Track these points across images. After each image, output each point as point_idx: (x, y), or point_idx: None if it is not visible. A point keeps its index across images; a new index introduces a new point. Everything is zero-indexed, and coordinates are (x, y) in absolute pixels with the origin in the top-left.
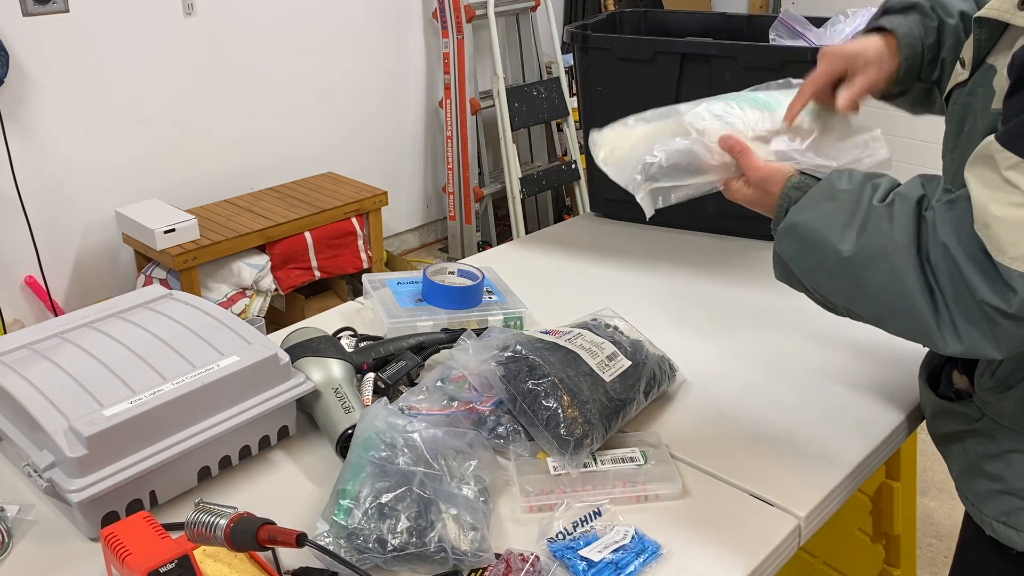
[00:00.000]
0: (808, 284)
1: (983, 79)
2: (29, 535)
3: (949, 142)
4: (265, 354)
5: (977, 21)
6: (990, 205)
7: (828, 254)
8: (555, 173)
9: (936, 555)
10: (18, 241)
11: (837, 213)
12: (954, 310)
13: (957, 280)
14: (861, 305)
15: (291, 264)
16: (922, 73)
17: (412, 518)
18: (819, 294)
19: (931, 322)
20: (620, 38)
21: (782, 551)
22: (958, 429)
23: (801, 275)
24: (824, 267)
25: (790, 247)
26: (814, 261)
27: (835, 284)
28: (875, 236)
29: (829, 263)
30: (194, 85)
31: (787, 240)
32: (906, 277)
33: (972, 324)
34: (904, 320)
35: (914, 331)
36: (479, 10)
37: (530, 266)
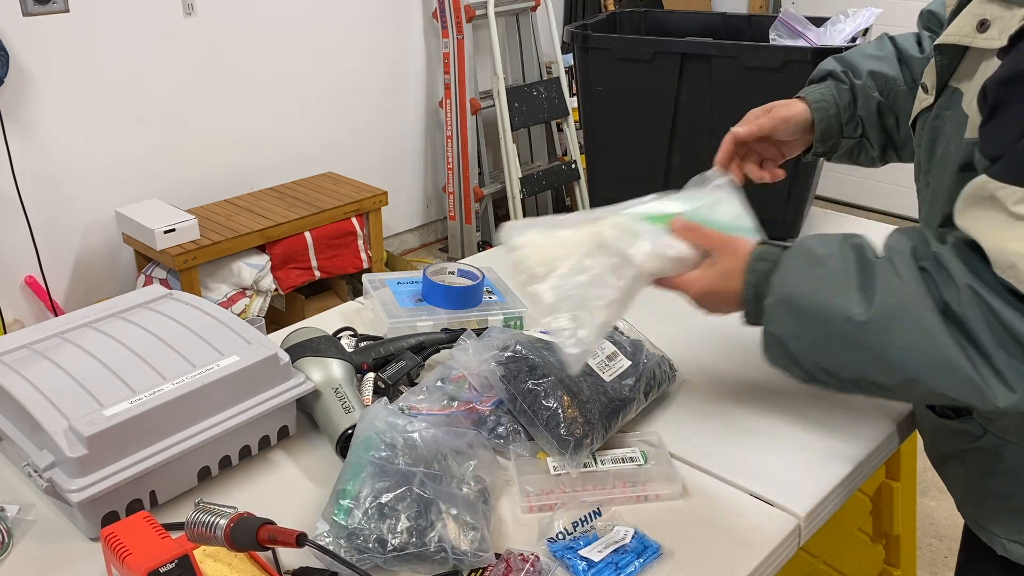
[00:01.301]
0: (810, 361)
1: (949, 102)
2: (29, 535)
3: (922, 166)
4: (265, 354)
5: (937, 48)
6: (1009, 243)
7: (838, 323)
8: (555, 173)
9: (936, 555)
10: (18, 241)
11: (833, 278)
12: (998, 358)
13: (995, 325)
14: (887, 372)
15: (291, 264)
16: (844, 131)
17: (412, 518)
18: (824, 370)
19: (974, 375)
20: (620, 38)
21: (782, 551)
22: (959, 448)
23: (803, 352)
24: (836, 338)
25: (787, 324)
26: (820, 334)
27: (851, 355)
28: (889, 294)
29: (841, 332)
30: (194, 85)
31: (781, 317)
32: (934, 330)
33: (1017, 372)
34: (944, 378)
35: (956, 387)
36: (479, 10)
37: None
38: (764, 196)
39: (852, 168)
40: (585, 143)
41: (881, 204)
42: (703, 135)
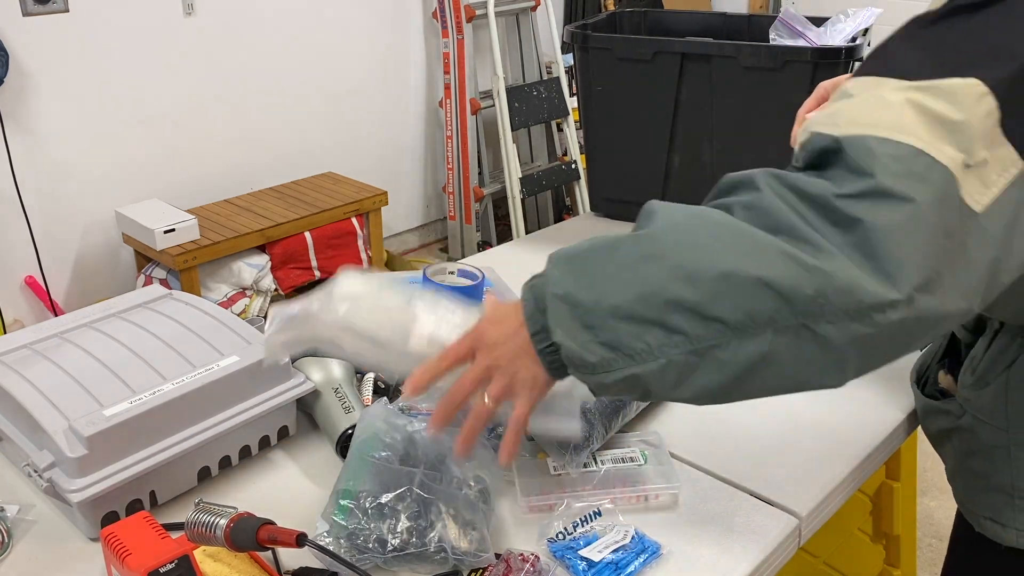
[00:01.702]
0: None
1: None
2: (29, 535)
3: None
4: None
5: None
6: (814, 115)
7: (619, 249)
8: (555, 173)
9: (936, 555)
10: (18, 241)
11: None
12: (810, 217)
13: (789, 197)
14: (687, 283)
15: (291, 264)
16: None
17: (412, 518)
18: (621, 320)
19: (784, 243)
20: (620, 38)
21: (782, 551)
22: (945, 427)
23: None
24: (618, 266)
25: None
26: (604, 271)
27: (644, 275)
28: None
29: (623, 255)
30: (194, 85)
31: (559, 272)
32: (730, 220)
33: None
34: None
35: (768, 263)
36: (479, 10)
37: (530, 266)
38: None
39: None
40: (585, 143)
41: None
42: (703, 135)
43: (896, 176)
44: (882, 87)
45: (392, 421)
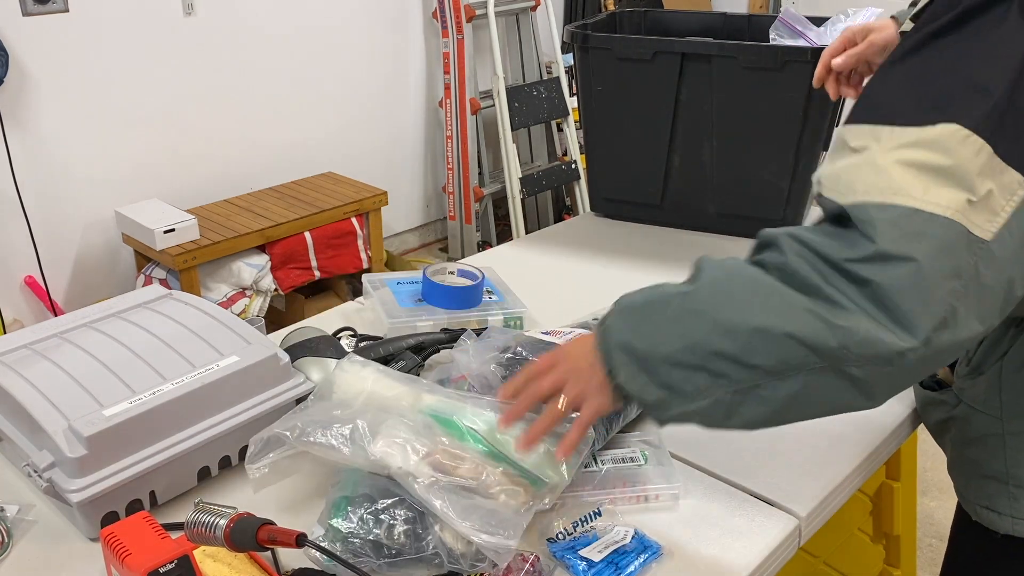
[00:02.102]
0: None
1: None
2: (29, 535)
3: None
4: (265, 354)
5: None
6: (831, 166)
7: (670, 303)
8: (555, 173)
9: (936, 555)
10: (18, 241)
11: (661, 285)
12: (831, 278)
13: (810, 257)
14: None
15: (291, 264)
16: None
17: (409, 522)
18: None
19: (813, 306)
20: (620, 38)
21: (782, 551)
22: (943, 418)
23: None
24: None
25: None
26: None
27: (689, 328)
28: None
29: (672, 309)
30: (194, 85)
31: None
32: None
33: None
34: (778, 315)
35: (794, 319)
36: (479, 10)
37: (530, 266)
38: (764, 196)
39: None
40: (585, 143)
41: None
42: (703, 135)
43: (894, 240)
44: (873, 144)
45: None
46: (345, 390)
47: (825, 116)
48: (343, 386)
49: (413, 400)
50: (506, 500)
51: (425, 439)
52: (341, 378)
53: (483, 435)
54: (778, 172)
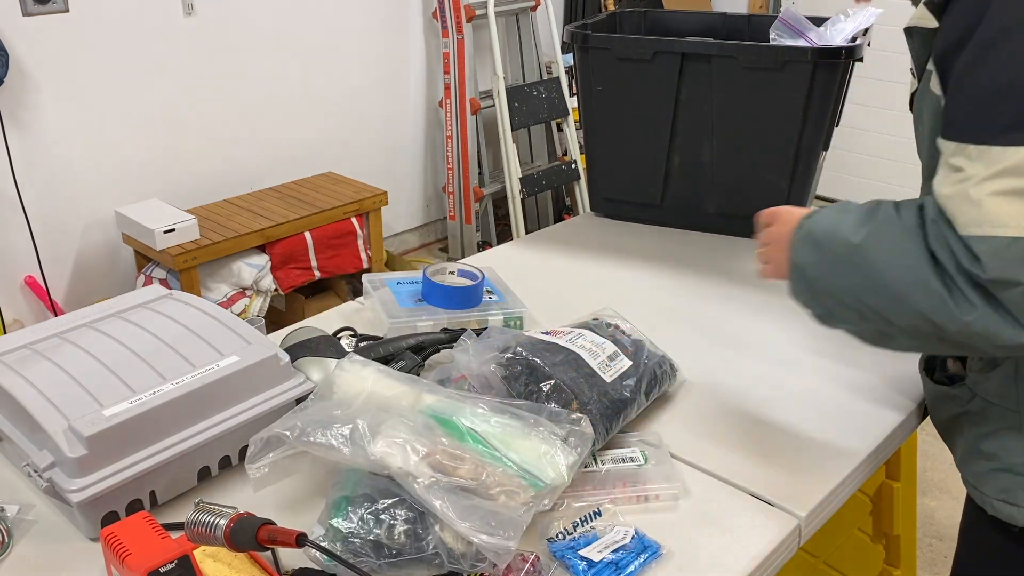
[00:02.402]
0: (821, 288)
1: (925, 83)
2: (29, 535)
3: (919, 146)
4: (265, 354)
5: (906, 31)
6: (941, 188)
7: (839, 247)
8: (555, 173)
9: (936, 555)
10: (18, 241)
11: (850, 216)
12: (959, 280)
13: (951, 254)
14: (876, 291)
15: (291, 264)
16: None
17: (409, 521)
18: (830, 295)
19: (944, 292)
20: (620, 38)
21: (782, 551)
22: (955, 413)
23: (815, 279)
24: (837, 262)
25: (805, 253)
26: (827, 259)
27: (847, 276)
28: (883, 223)
29: (840, 254)
30: (194, 85)
31: (801, 247)
32: (914, 253)
33: (976, 292)
34: (917, 295)
35: (928, 303)
36: (479, 10)
37: (530, 266)
38: (764, 196)
39: (852, 168)
40: (585, 143)
41: None
42: (703, 135)
43: (1000, 269)
44: (967, 165)
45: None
46: (345, 390)
47: (825, 116)
48: (343, 386)
49: (413, 400)
50: (506, 500)
51: (425, 439)
52: (341, 378)
53: (483, 435)
54: (778, 172)
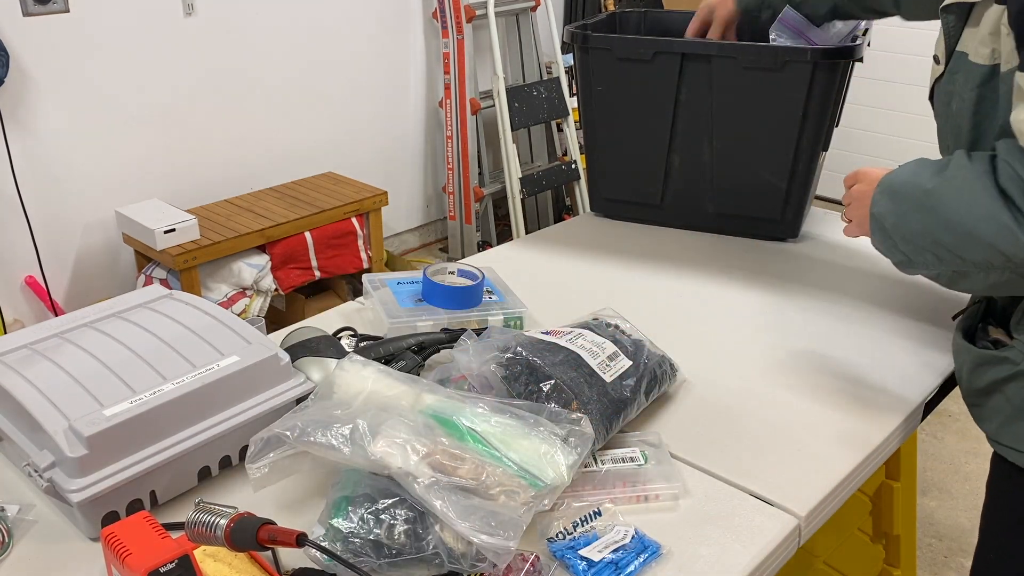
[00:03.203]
0: (899, 234)
1: (957, 66)
2: (29, 535)
3: (940, 132)
4: (265, 354)
5: (944, 9)
6: (1019, 115)
7: (914, 194)
8: (555, 173)
9: (936, 555)
10: (18, 241)
11: (926, 168)
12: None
13: (1019, 183)
14: (949, 229)
15: (291, 264)
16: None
17: (409, 521)
18: (908, 240)
19: (1013, 224)
20: (620, 38)
21: (782, 551)
22: (999, 377)
23: (893, 227)
24: (913, 208)
25: (883, 204)
26: (904, 207)
27: (923, 219)
28: (955, 169)
29: (915, 200)
30: (194, 85)
31: (880, 199)
32: (983, 190)
33: None
34: (988, 229)
35: (998, 235)
36: (479, 10)
37: (530, 266)
38: (764, 196)
39: (852, 168)
40: (585, 143)
41: None
42: (703, 135)
43: None
44: None
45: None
46: (345, 390)
47: (825, 116)
48: (343, 386)
49: (413, 400)
50: (506, 501)
51: (425, 439)
52: (341, 378)
53: (483, 435)
54: (778, 172)
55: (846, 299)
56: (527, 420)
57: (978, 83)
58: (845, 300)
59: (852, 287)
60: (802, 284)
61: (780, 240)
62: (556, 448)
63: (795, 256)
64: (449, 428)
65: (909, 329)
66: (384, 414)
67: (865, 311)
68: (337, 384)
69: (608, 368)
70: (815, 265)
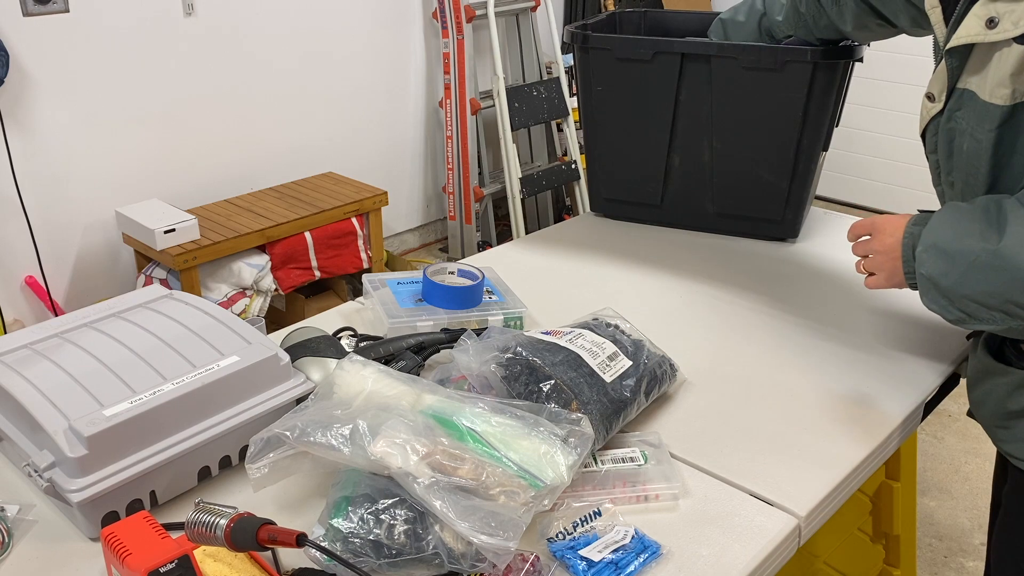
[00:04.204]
0: (959, 295)
1: (959, 103)
2: (29, 535)
3: (941, 168)
4: (265, 354)
5: (949, 52)
6: None
7: (977, 254)
8: (555, 173)
9: (936, 555)
10: (18, 241)
11: (972, 222)
12: None
13: None
14: (1022, 290)
15: (291, 264)
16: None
17: (409, 521)
18: (972, 300)
19: None
20: (620, 38)
21: (782, 551)
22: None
23: (952, 288)
24: (976, 268)
25: (934, 265)
26: (964, 267)
27: (991, 279)
28: (1017, 222)
29: (981, 261)
30: (194, 85)
31: (930, 260)
32: None
33: None
34: None
35: None
36: (479, 10)
37: (530, 266)
38: (764, 196)
39: (852, 168)
40: (585, 143)
41: (881, 204)
42: (703, 135)
43: None
44: None
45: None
46: (345, 390)
47: (825, 116)
48: (343, 386)
49: (413, 400)
50: (506, 501)
51: (425, 439)
52: (341, 378)
53: (483, 435)
54: (778, 172)
55: (846, 299)
56: (527, 420)
57: (997, 124)
58: (844, 299)
59: (852, 287)
60: (802, 284)
61: (780, 240)
62: (556, 448)
63: (795, 256)
64: (449, 428)
65: (909, 329)
66: (384, 414)
67: (865, 311)
68: (337, 384)
69: (608, 368)
70: (815, 265)
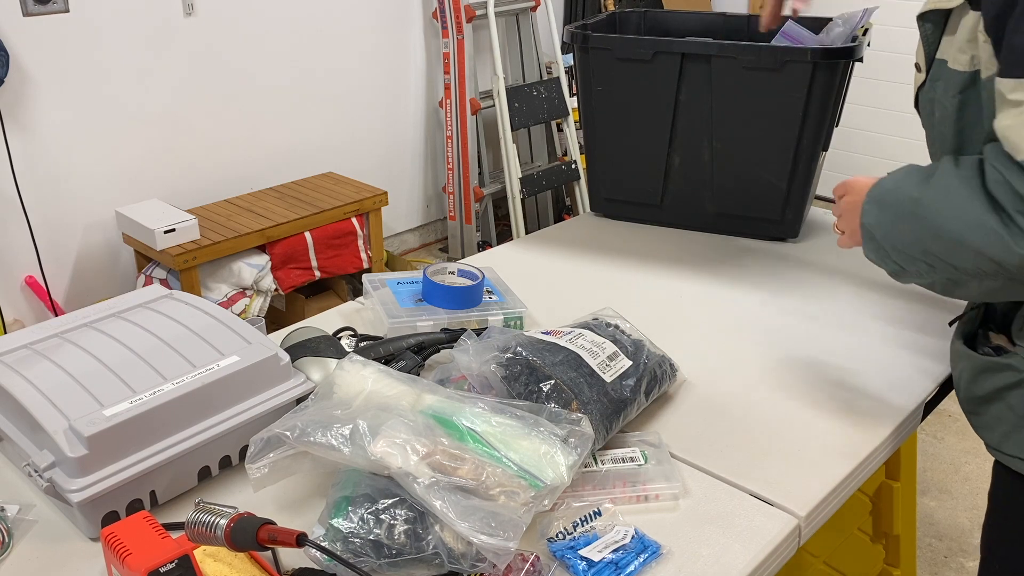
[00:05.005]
0: (890, 244)
1: (937, 74)
2: (29, 535)
3: (929, 136)
4: (265, 354)
5: (921, 18)
6: (1001, 121)
7: (902, 203)
8: (555, 173)
9: (936, 555)
10: (18, 241)
11: (912, 175)
12: (1016, 217)
13: (1010, 191)
14: (938, 238)
15: (291, 264)
16: None
17: (409, 521)
18: (899, 251)
19: (1001, 229)
20: (620, 38)
21: (782, 551)
22: (1002, 385)
23: (884, 237)
24: (902, 218)
25: (872, 215)
26: (893, 218)
27: (913, 229)
28: (942, 175)
29: (903, 209)
30: (194, 85)
31: (869, 210)
32: (971, 195)
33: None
34: (976, 235)
35: (986, 241)
36: (479, 10)
37: (530, 266)
38: (764, 196)
39: (852, 168)
40: (585, 143)
41: None
42: (703, 135)
43: None
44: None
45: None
46: (345, 390)
47: (825, 116)
48: (343, 386)
49: (413, 400)
50: (506, 501)
51: (425, 439)
52: (341, 378)
53: (483, 435)
54: (777, 172)
55: (846, 298)
56: (527, 420)
57: (959, 90)
58: (845, 299)
59: (852, 287)
60: (802, 284)
61: (780, 240)
62: (556, 448)
63: (795, 256)
64: (449, 428)
65: (909, 329)
66: (384, 414)
67: (865, 311)
68: (337, 384)
69: (608, 368)
70: (815, 265)
